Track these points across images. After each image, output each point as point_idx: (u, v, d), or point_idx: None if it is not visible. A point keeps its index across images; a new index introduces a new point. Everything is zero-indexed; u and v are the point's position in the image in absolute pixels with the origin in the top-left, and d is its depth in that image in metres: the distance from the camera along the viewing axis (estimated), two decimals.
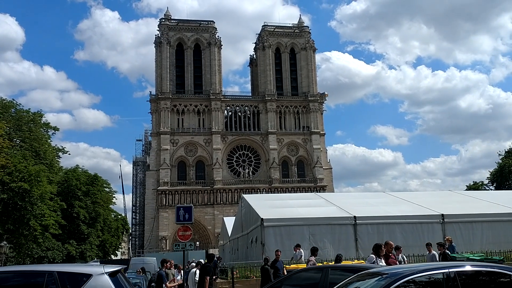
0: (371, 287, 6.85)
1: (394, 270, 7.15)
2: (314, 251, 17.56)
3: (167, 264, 21.75)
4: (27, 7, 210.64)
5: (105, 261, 53.98)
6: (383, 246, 13.11)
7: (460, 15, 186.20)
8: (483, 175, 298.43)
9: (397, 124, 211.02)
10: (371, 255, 13.27)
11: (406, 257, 19.79)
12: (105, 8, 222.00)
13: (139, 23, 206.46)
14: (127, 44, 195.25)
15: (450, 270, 6.84)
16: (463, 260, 16.53)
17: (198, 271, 17.81)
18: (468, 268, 7.16)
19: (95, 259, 52.88)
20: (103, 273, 8.71)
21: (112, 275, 8.84)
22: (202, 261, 37.05)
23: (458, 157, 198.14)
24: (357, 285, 7.39)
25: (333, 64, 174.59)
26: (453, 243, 20.00)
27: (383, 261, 14.96)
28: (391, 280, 6.62)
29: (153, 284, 15.81)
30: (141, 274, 26.55)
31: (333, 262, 17.05)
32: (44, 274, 8.65)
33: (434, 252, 18.74)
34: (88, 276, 8.64)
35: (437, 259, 17.67)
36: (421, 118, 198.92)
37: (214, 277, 16.61)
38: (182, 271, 21.43)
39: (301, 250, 20.54)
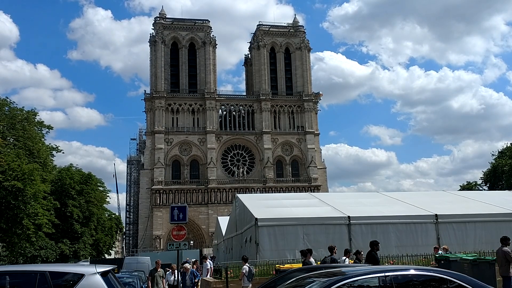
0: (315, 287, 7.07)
1: (342, 272, 7.47)
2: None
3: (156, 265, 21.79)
4: (22, 4, 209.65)
5: (96, 260, 53.86)
6: None
7: (453, 16, 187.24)
8: (476, 175, 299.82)
9: (390, 124, 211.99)
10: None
11: (400, 257, 19.90)
12: (97, 7, 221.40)
13: (131, 22, 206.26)
14: (120, 43, 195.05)
15: (386, 274, 6.98)
16: (455, 260, 16.64)
17: (347, 259, 17.47)
18: (404, 272, 7.32)
19: (82, 259, 52.62)
20: (96, 273, 8.75)
21: (103, 274, 8.88)
22: (194, 259, 36.97)
23: (450, 157, 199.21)
24: (306, 281, 7.58)
25: (326, 64, 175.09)
26: (448, 250, 20.03)
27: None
28: (325, 284, 6.81)
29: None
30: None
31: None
32: (36, 274, 8.61)
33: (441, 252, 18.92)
34: (80, 276, 8.67)
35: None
36: (414, 118, 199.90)
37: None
38: (176, 271, 21.36)
39: (208, 262, 22.31)
